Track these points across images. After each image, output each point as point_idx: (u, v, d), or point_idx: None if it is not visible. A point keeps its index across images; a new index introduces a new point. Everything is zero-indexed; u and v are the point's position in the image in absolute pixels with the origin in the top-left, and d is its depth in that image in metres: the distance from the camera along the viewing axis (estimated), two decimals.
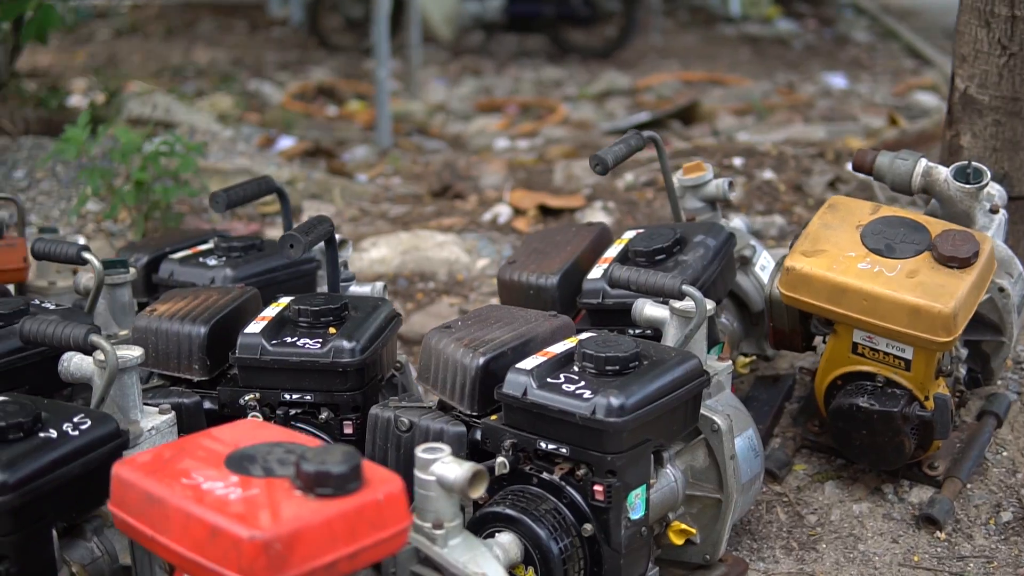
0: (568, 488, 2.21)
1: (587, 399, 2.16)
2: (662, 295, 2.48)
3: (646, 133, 2.98)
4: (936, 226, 2.65)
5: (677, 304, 2.49)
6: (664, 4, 11.61)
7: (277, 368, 2.47)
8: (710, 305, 2.47)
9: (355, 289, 2.92)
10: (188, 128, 5.15)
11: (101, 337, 2.10)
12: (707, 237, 2.86)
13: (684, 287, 2.42)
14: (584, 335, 2.37)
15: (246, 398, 2.49)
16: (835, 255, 2.62)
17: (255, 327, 2.51)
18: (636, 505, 2.23)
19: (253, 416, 2.46)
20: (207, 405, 2.51)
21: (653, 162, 4.89)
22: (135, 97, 5.58)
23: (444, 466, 1.97)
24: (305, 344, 2.47)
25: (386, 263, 4.15)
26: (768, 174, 4.61)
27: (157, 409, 2.29)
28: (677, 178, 3.12)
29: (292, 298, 2.60)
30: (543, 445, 2.22)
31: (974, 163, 2.80)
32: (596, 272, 2.83)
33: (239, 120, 7.77)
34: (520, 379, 2.25)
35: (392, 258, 4.17)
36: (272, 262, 3.02)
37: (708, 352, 2.66)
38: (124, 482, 1.78)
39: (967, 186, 2.78)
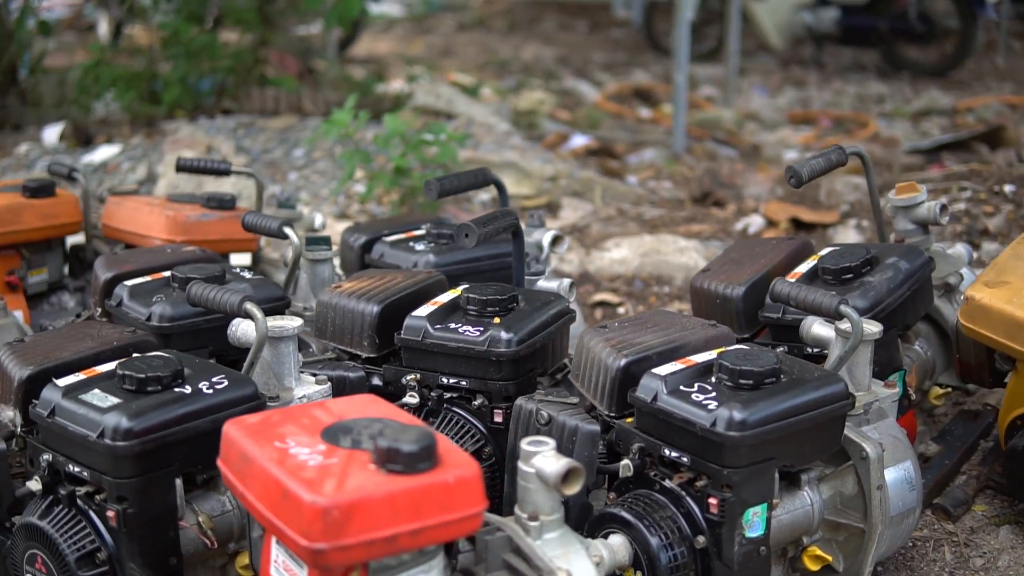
0: (686, 498, 2.20)
1: (711, 410, 2.13)
2: (819, 314, 2.39)
3: (850, 148, 2.88)
4: None
5: (842, 324, 2.41)
6: (1015, 24, 10.91)
7: (437, 352, 2.57)
8: (874, 328, 2.37)
9: (542, 284, 2.98)
10: (466, 119, 5.37)
11: (255, 306, 2.27)
12: (901, 260, 2.73)
13: (842, 307, 2.33)
14: (731, 348, 2.34)
15: (407, 378, 2.60)
16: (1019, 288, 2.44)
17: (424, 311, 2.62)
18: (754, 523, 2.17)
19: (410, 396, 2.58)
20: (375, 381, 2.65)
21: (933, 181, 4.67)
22: (423, 86, 5.86)
23: (544, 459, 2.01)
24: (466, 331, 2.56)
25: (625, 263, 4.18)
26: None
27: (315, 379, 2.44)
28: (889, 197, 2.98)
29: (467, 286, 2.70)
30: (667, 452, 2.22)
31: None
32: (788, 281, 2.77)
33: (547, 116, 8.00)
34: (653, 384, 2.25)
35: (632, 259, 4.20)
36: (477, 252, 3.11)
37: (888, 377, 2.55)
38: (229, 439, 1.92)
39: None
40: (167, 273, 2.77)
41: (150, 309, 2.63)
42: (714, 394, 2.19)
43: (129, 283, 2.75)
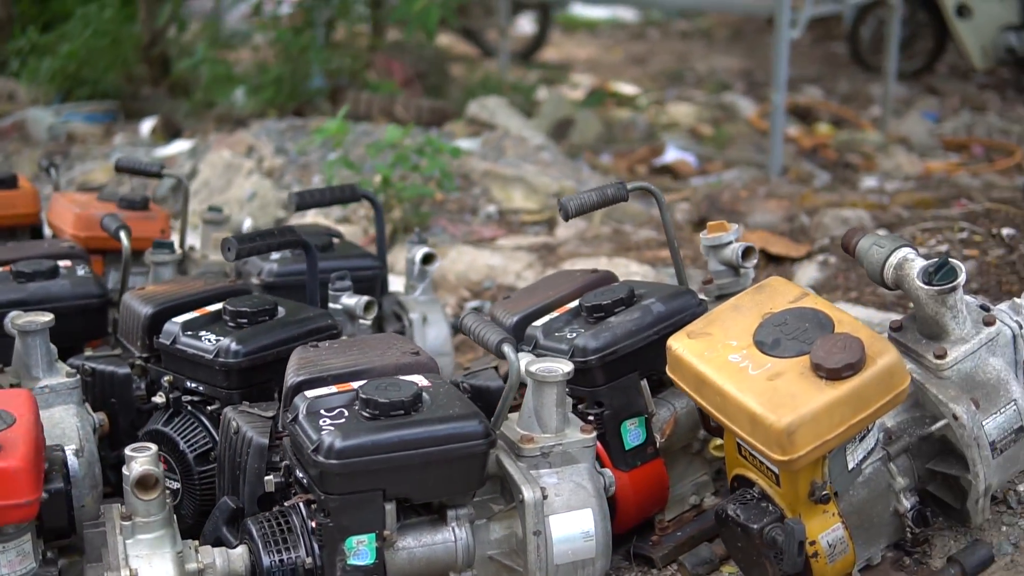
0: (307, 519, 2.25)
1: (321, 435, 2.17)
2: (488, 350, 2.39)
3: (637, 185, 2.81)
4: (843, 326, 2.27)
5: (532, 367, 2.40)
6: None
7: (180, 357, 2.72)
8: (562, 368, 2.36)
9: (345, 301, 3.06)
10: (502, 131, 5.45)
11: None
12: (658, 302, 2.66)
13: (504, 347, 2.32)
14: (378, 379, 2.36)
15: (164, 379, 2.76)
16: (717, 341, 2.34)
17: (184, 317, 2.77)
18: (360, 551, 2.21)
19: (159, 396, 2.74)
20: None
21: (936, 220, 4.40)
22: (476, 101, 5.98)
23: (135, 464, 2.14)
24: (207, 340, 2.69)
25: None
26: None
27: (65, 371, 2.65)
28: (702, 236, 2.90)
29: (232, 298, 2.83)
30: (299, 473, 2.28)
31: (951, 260, 2.34)
32: (542, 320, 2.76)
33: (681, 130, 7.95)
34: (298, 403, 2.32)
35: None
36: (326, 263, 3.23)
37: (625, 423, 2.54)
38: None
39: (928, 287, 2.34)
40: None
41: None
42: (342, 420, 2.23)
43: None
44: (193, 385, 2.71)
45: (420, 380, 2.37)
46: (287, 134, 5.53)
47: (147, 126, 6.29)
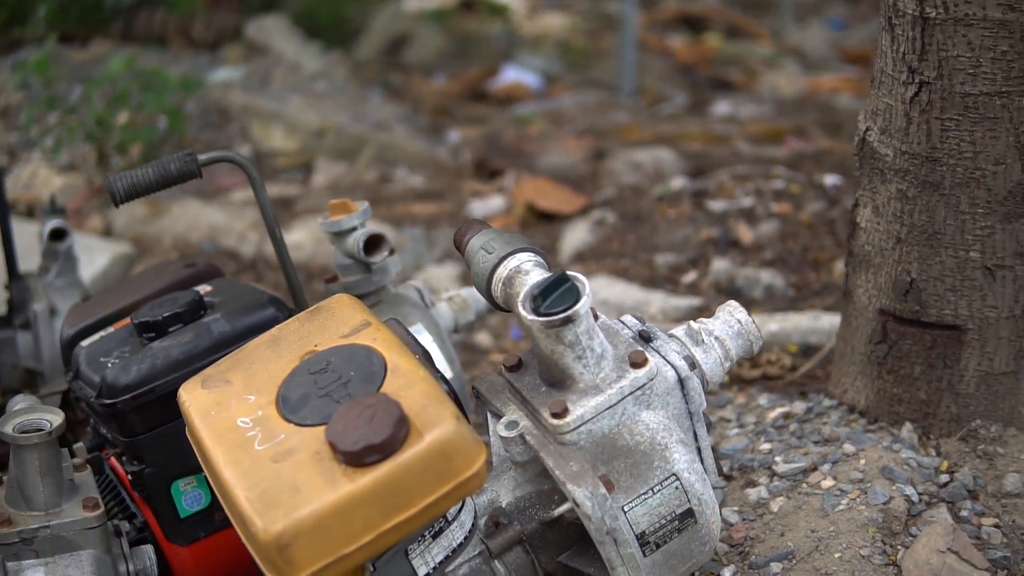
0: None
1: None
2: None
3: (213, 156, 2.08)
4: (396, 378, 1.56)
5: (7, 424, 1.71)
6: None
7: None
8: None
9: None
10: (274, 57, 4.66)
11: None
12: (224, 319, 1.94)
13: None
14: None
15: None
16: (232, 393, 1.63)
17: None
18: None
19: None
20: None
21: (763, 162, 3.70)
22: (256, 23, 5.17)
23: None
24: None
25: (299, 249, 3.46)
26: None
27: None
28: (320, 220, 2.17)
29: None
30: None
31: (569, 275, 1.63)
32: (92, 338, 2.04)
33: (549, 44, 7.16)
34: None
35: (307, 244, 3.47)
36: None
37: (196, 487, 1.88)
38: None
39: (534, 317, 1.62)
40: None
41: None
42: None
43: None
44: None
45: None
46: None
47: None
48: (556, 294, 1.62)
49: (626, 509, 1.64)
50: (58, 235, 2.76)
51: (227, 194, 3.83)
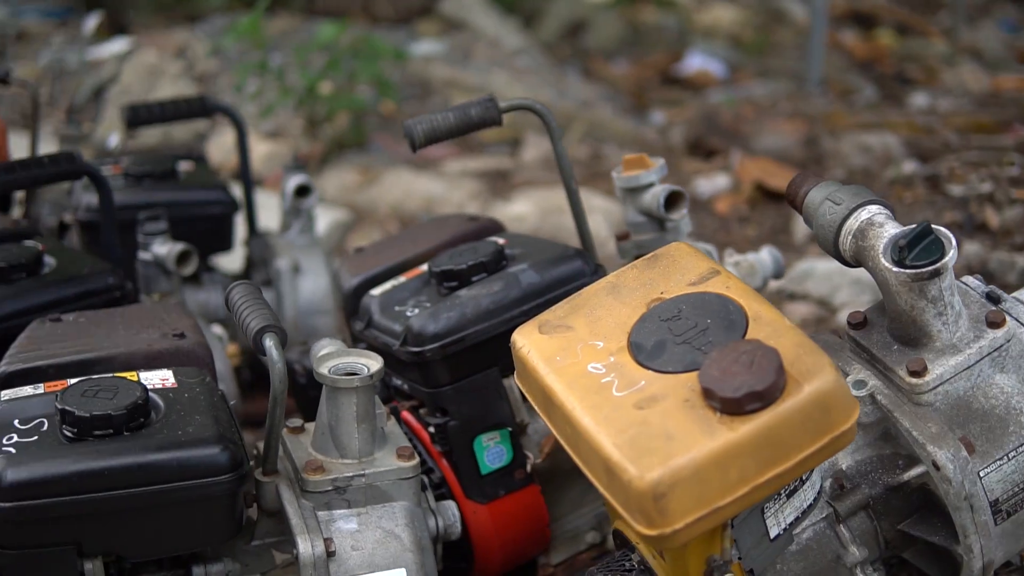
0: None
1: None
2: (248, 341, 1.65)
3: (514, 103, 2.04)
4: (760, 326, 1.48)
5: (324, 364, 1.68)
6: None
7: None
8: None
9: (156, 249, 2.35)
10: (473, 32, 4.63)
11: None
12: (531, 269, 1.89)
13: (265, 340, 1.58)
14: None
15: None
16: (577, 339, 1.57)
17: None
18: None
19: None
20: None
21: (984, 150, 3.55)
22: None
23: None
24: None
25: (522, 220, 3.42)
26: None
27: None
28: (613, 175, 2.11)
29: None
30: None
31: (935, 228, 1.54)
32: (383, 287, 2.01)
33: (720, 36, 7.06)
34: None
35: (530, 216, 3.45)
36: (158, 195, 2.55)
37: (480, 436, 1.82)
38: None
39: (899, 269, 1.54)
40: None
41: None
42: (30, 440, 1.52)
43: None
44: None
45: (161, 379, 1.66)
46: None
47: (91, 22, 5.57)
48: (920, 247, 1.53)
49: (982, 475, 1.55)
50: (303, 191, 2.76)
51: (439, 165, 3.80)
